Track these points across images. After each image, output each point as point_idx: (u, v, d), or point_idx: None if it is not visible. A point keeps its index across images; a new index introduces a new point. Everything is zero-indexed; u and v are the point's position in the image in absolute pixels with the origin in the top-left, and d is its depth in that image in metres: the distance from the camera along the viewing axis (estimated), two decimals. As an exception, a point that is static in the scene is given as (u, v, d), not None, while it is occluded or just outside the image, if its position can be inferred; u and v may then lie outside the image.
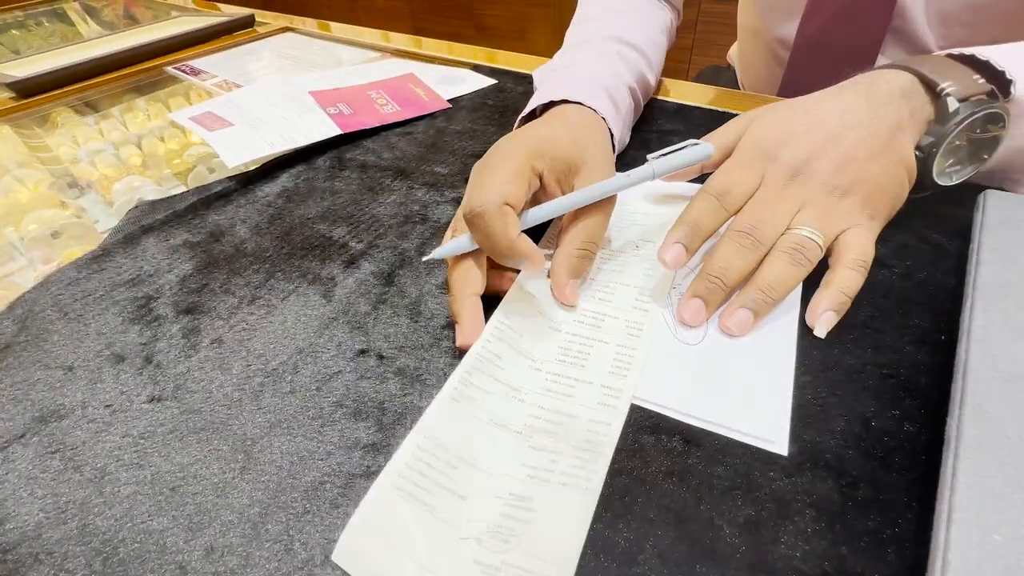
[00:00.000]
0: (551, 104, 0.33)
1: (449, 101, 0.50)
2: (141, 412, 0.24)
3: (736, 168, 0.28)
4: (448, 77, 0.55)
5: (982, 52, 0.27)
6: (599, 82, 0.34)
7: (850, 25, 0.44)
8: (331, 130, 0.44)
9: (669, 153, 0.27)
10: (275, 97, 0.47)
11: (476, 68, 0.57)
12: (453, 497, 0.19)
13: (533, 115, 0.34)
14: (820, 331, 0.24)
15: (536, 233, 0.31)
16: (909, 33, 0.42)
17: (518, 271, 0.27)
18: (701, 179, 0.33)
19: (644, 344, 0.25)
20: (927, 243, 0.25)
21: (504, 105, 0.49)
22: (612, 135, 0.32)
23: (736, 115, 0.31)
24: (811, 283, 0.26)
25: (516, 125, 0.35)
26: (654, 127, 0.43)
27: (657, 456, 0.21)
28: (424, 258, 0.26)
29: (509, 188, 0.24)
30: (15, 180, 0.42)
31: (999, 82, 0.27)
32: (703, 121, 0.43)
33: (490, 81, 0.54)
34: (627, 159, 0.39)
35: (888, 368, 0.23)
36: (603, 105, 0.32)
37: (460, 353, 0.24)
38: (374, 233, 0.34)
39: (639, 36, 0.41)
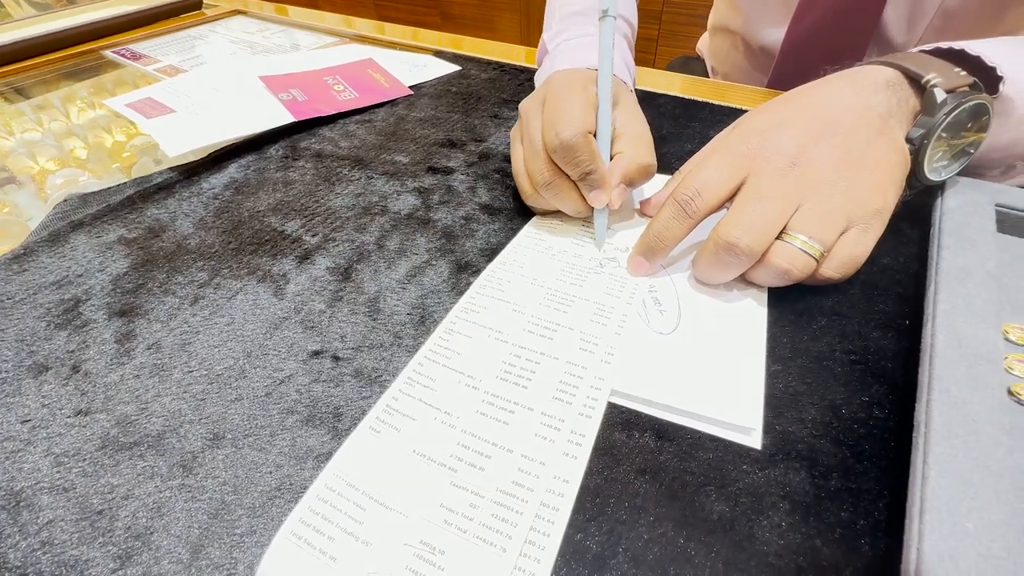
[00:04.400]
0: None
1: (411, 88, 0.48)
2: (66, 427, 0.21)
3: (713, 165, 0.26)
4: (409, 63, 0.53)
5: (972, 47, 0.27)
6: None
7: (838, 26, 0.44)
8: (283, 117, 0.41)
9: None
10: (221, 82, 0.44)
11: (438, 54, 0.55)
12: (356, 544, 0.17)
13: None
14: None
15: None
16: (886, 37, 0.43)
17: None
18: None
19: (597, 363, 0.23)
20: (889, 228, 0.25)
21: (468, 92, 0.47)
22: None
23: (708, 103, 0.30)
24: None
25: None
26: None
27: (629, 453, 0.20)
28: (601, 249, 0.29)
29: (589, 118, 0.28)
30: (-67, 173, 0.38)
31: (984, 77, 0.27)
32: (672, 108, 0.43)
33: (453, 67, 0.52)
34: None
35: (856, 354, 0.23)
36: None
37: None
38: (330, 226, 0.32)
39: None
